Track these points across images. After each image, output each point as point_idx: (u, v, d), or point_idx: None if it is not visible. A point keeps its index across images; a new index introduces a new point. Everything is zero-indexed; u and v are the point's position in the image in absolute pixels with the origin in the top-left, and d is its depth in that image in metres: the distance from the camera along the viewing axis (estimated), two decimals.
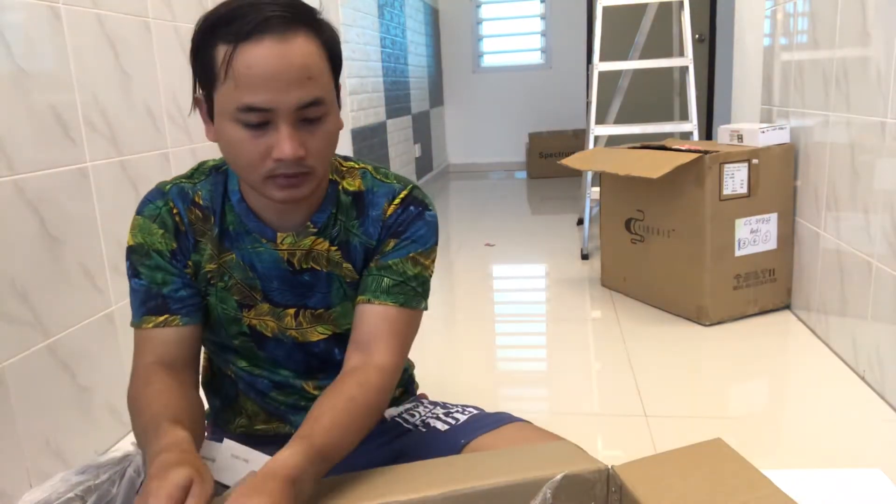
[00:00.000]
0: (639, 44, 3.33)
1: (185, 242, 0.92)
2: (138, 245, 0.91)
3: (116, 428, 1.65)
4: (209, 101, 0.83)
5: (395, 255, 0.93)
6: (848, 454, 1.47)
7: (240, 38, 0.76)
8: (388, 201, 0.95)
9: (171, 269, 0.91)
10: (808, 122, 2.16)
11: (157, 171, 1.83)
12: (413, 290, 0.92)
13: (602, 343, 2.21)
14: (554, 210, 4.47)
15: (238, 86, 0.77)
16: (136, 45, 1.75)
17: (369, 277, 0.93)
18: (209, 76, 0.80)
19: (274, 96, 0.77)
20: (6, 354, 1.31)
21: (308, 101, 0.79)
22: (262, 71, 0.76)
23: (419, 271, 0.94)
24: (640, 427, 1.63)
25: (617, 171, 2.34)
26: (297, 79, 0.77)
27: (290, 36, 0.77)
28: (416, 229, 0.94)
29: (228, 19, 0.77)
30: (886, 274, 1.67)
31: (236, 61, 0.76)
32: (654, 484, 0.73)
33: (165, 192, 0.93)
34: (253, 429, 1.03)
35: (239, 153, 0.81)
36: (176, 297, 0.91)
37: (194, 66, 0.83)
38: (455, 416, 1.02)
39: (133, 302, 0.92)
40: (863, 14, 1.76)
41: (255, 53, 0.76)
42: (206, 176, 0.95)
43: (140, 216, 0.93)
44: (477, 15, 6.12)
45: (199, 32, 0.81)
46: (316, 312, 0.97)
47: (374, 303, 0.91)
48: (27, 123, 1.38)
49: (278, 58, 0.76)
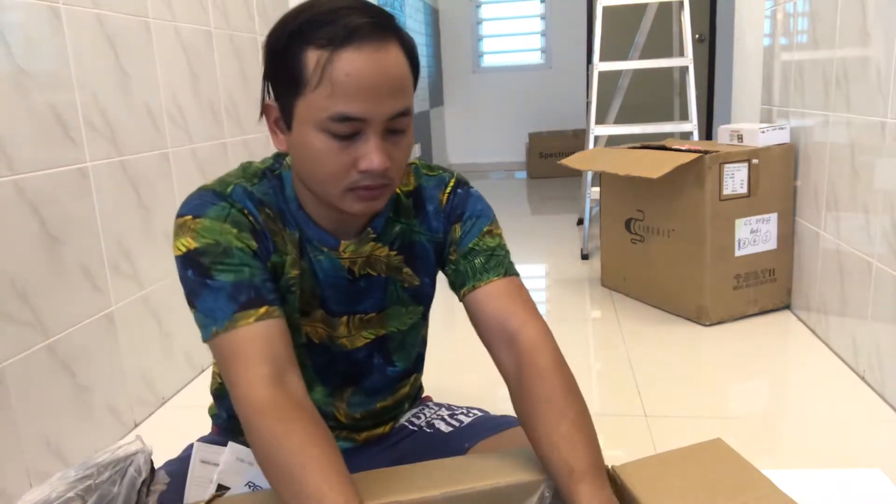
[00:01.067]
0: (639, 44, 3.33)
1: (265, 242, 0.84)
2: (210, 245, 0.79)
3: (116, 428, 1.65)
4: (287, 109, 0.78)
5: (469, 237, 0.92)
6: (848, 454, 1.47)
7: (336, 43, 0.73)
8: (442, 191, 0.94)
9: (257, 264, 0.81)
10: (808, 122, 2.16)
11: (157, 171, 1.83)
12: (505, 259, 0.92)
13: (602, 343, 2.21)
14: (554, 210, 4.47)
15: (334, 94, 0.73)
16: (136, 45, 1.75)
17: (459, 268, 0.92)
18: (295, 82, 0.76)
19: (370, 107, 0.74)
20: (6, 354, 1.31)
21: (399, 111, 0.77)
22: (361, 80, 0.73)
23: (498, 241, 0.94)
24: (640, 427, 1.63)
25: (617, 171, 2.34)
26: (391, 90, 0.75)
27: (385, 45, 0.75)
28: (472, 207, 0.94)
29: (318, 23, 0.74)
30: (886, 274, 1.67)
31: (334, 68, 0.73)
32: (654, 484, 0.73)
33: (227, 195, 0.83)
34: None
35: (322, 164, 0.77)
36: (269, 287, 0.81)
37: (272, 70, 0.79)
38: (459, 417, 1.02)
39: (215, 305, 0.78)
40: (863, 14, 1.76)
41: (355, 61, 0.73)
42: (259, 178, 0.88)
43: (203, 218, 0.81)
44: (477, 15, 6.11)
45: (282, 35, 0.76)
46: (366, 318, 0.95)
47: (479, 286, 0.89)
48: (27, 123, 1.38)
49: (377, 68, 0.74)
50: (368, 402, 1.00)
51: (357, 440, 1.01)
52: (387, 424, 1.04)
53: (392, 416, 1.05)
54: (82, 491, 0.70)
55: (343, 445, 1.00)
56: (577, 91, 5.91)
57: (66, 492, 0.69)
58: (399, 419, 1.06)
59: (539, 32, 6.07)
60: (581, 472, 0.72)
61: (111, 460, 0.74)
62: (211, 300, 0.78)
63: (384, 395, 1.01)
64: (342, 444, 1.00)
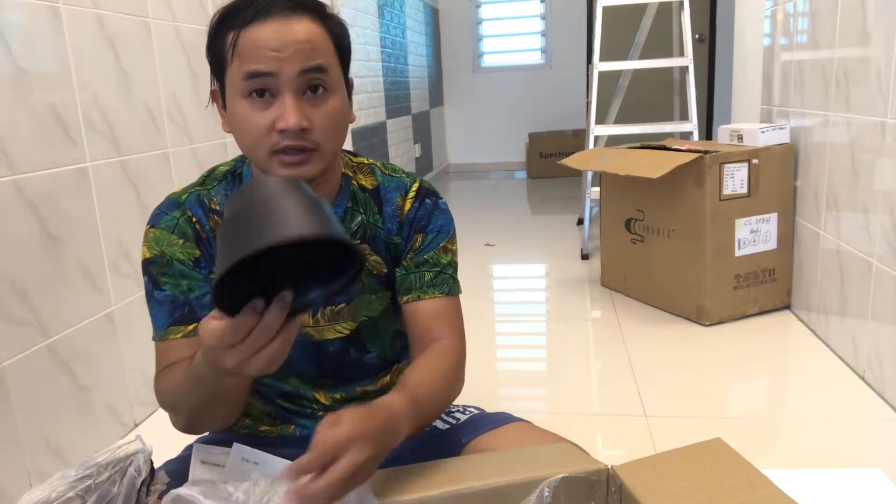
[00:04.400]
0: (639, 44, 3.33)
1: (208, 249, 0.91)
2: (157, 256, 0.89)
3: (116, 428, 1.65)
4: (222, 91, 0.85)
5: (428, 249, 0.96)
6: (848, 454, 1.47)
7: (245, 22, 0.79)
8: (402, 196, 0.96)
9: (196, 276, 0.90)
10: (808, 122, 2.16)
11: (157, 171, 1.83)
12: (451, 278, 0.98)
13: (602, 343, 2.21)
14: (554, 210, 4.48)
15: (242, 60, 0.79)
16: (136, 45, 1.75)
17: (409, 276, 0.95)
18: (220, 63, 0.83)
19: (277, 62, 0.78)
20: (6, 354, 1.31)
21: (311, 66, 0.80)
22: (266, 42, 0.78)
23: (450, 258, 0.98)
24: (640, 427, 1.63)
25: (617, 171, 2.34)
26: (300, 48, 0.79)
27: (293, 18, 0.80)
28: (436, 220, 0.97)
29: (237, 9, 0.80)
30: (886, 274, 1.67)
31: (242, 40, 0.79)
32: (654, 484, 0.73)
33: (181, 203, 0.91)
34: (258, 430, 1.03)
35: (246, 129, 0.82)
36: (204, 303, 0.90)
37: (209, 58, 0.85)
38: (455, 415, 1.02)
39: (157, 315, 0.90)
40: (863, 14, 1.76)
41: (261, 31, 0.79)
42: (218, 181, 0.94)
43: (155, 228, 0.90)
44: (477, 15, 6.12)
45: (212, 26, 0.83)
46: (336, 309, 0.96)
47: (423, 299, 0.94)
48: (27, 123, 1.38)
49: (282, 32, 0.79)
50: (348, 387, 1.02)
51: None
52: None
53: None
54: (82, 491, 0.70)
55: None
56: (577, 91, 5.91)
57: (66, 492, 0.69)
58: None
59: (539, 32, 6.07)
60: (394, 389, 0.81)
61: (111, 460, 0.74)
62: (156, 309, 0.90)
63: (364, 382, 1.03)
64: None
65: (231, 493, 0.68)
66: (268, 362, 0.65)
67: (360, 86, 3.80)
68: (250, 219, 0.59)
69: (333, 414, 0.69)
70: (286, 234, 0.57)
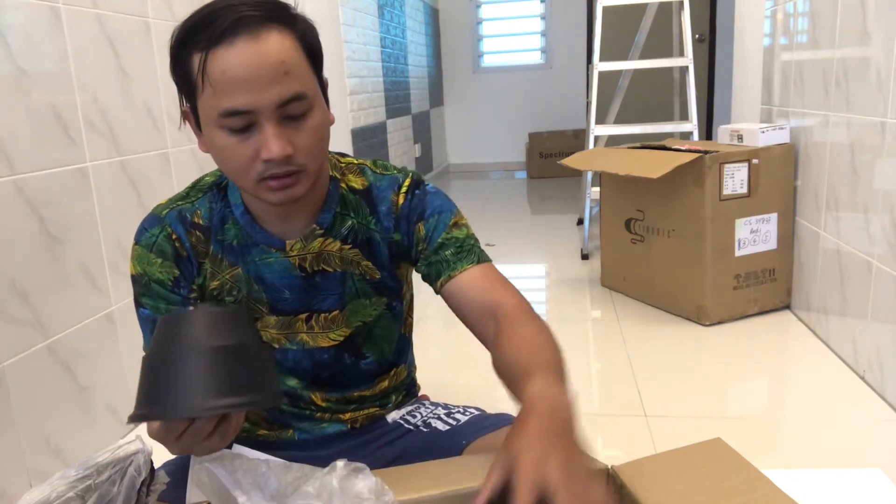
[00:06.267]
0: (639, 44, 3.33)
1: (189, 267, 0.91)
2: (139, 275, 0.91)
3: (116, 428, 1.65)
4: (194, 112, 0.81)
5: (437, 233, 0.93)
6: (848, 454, 1.47)
7: (211, 43, 0.74)
8: (395, 192, 0.95)
9: (174, 298, 0.90)
10: (808, 122, 2.16)
11: (157, 171, 1.83)
12: (475, 247, 0.94)
13: (602, 343, 2.21)
14: (554, 210, 4.48)
15: (216, 92, 0.75)
16: (136, 45, 1.75)
17: (433, 264, 0.93)
18: (189, 87, 0.78)
19: (253, 97, 0.75)
20: (6, 354, 1.31)
21: (288, 97, 0.77)
22: (237, 74, 0.74)
23: (466, 232, 0.94)
24: (640, 427, 1.63)
25: (617, 171, 2.34)
26: (273, 76, 0.75)
27: (262, 34, 0.75)
28: (431, 203, 0.94)
29: (200, 27, 0.75)
30: (886, 274, 1.67)
31: (210, 67, 0.74)
32: (654, 484, 0.73)
33: (162, 218, 0.91)
34: (255, 434, 1.03)
35: (228, 160, 0.80)
36: None
37: (174, 77, 0.81)
38: (456, 416, 1.02)
39: (143, 329, 0.93)
40: (863, 14, 1.76)
41: (228, 57, 0.74)
42: (203, 193, 0.93)
43: (138, 246, 0.91)
44: (477, 15, 6.12)
45: (175, 45, 0.78)
46: (330, 316, 0.96)
47: (455, 275, 0.91)
48: (27, 123, 1.38)
49: (252, 58, 0.74)
50: (345, 391, 1.01)
51: (343, 419, 1.02)
52: (370, 408, 1.04)
53: (376, 402, 1.05)
54: (82, 491, 0.70)
55: (334, 429, 1.01)
56: (577, 91, 5.91)
57: (67, 492, 0.69)
58: (387, 406, 1.06)
59: (539, 32, 6.07)
60: (534, 371, 0.72)
61: (111, 460, 0.74)
62: (141, 323, 0.92)
63: (361, 388, 1.02)
64: (331, 427, 1.01)
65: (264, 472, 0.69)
66: (213, 449, 0.68)
67: (360, 86, 3.80)
68: (168, 369, 0.64)
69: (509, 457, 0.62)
70: (199, 405, 0.63)
